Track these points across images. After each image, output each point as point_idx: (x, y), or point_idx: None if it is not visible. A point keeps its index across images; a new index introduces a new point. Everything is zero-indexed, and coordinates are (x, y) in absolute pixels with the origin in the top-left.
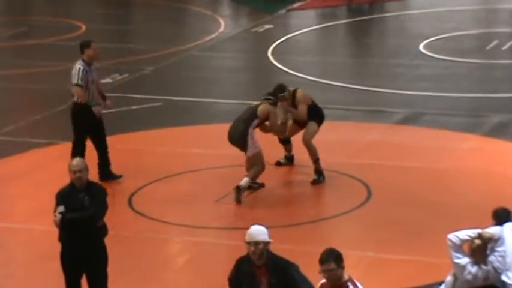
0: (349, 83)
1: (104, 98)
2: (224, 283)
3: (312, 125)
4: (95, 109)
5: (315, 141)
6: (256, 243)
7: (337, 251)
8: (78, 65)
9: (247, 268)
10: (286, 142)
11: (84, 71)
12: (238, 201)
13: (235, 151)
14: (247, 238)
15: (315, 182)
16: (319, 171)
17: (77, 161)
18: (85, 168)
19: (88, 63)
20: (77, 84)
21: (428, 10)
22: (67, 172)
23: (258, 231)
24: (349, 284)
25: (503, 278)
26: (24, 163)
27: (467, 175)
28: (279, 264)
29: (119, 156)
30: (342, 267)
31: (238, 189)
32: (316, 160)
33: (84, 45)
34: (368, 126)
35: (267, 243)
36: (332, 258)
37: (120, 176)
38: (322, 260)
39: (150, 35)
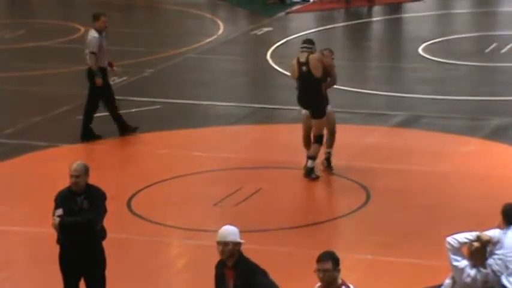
0: (348, 86)
1: (111, 64)
2: None
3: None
4: (97, 80)
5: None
6: (225, 243)
7: (336, 254)
8: (93, 34)
9: (221, 268)
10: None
11: (98, 39)
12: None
13: (235, 154)
14: (217, 238)
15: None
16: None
17: (76, 164)
18: (84, 173)
19: (99, 32)
20: (92, 52)
21: (427, 13)
22: (66, 175)
23: (228, 232)
24: (343, 287)
25: (504, 282)
26: (24, 165)
27: (467, 178)
28: (247, 267)
29: (118, 158)
30: (338, 270)
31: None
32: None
33: (95, 17)
34: (367, 129)
35: (236, 244)
36: (330, 259)
37: (100, 136)
38: (320, 259)
39: (149, 37)
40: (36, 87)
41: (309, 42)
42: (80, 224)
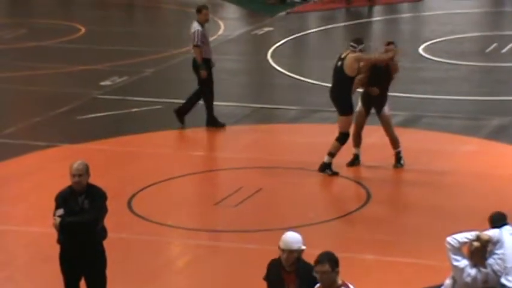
0: None
1: None
2: (224, 286)
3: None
4: (202, 72)
5: (317, 143)
6: (291, 251)
7: (334, 255)
8: (196, 27)
9: (276, 272)
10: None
11: (201, 32)
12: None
13: (235, 153)
14: (282, 245)
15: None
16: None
17: (78, 164)
18: (85, 172)
19: (201, 24)
20: (195, 45)
21: (427, 13)
22: (67, 174)
23: (294, 239)
24: None
25: (503, 281)
26: (24, 165)
27: (467, 178)
28: (308, 271)
29: (119, 158)
30: (337, 272)
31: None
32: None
33: (197, 11)
34: (368, 129)
35: (301, 252)
36: (327, 261)
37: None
38: (318, 261)
39: (150, 37)
40: (37, 87)
41: (355, 41)
42: (81, 224)
